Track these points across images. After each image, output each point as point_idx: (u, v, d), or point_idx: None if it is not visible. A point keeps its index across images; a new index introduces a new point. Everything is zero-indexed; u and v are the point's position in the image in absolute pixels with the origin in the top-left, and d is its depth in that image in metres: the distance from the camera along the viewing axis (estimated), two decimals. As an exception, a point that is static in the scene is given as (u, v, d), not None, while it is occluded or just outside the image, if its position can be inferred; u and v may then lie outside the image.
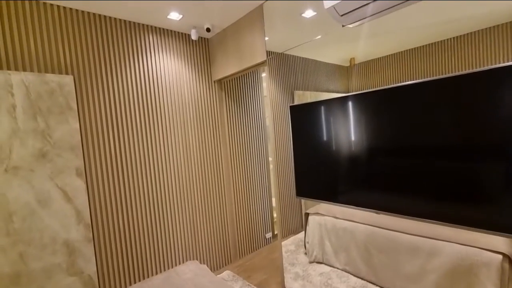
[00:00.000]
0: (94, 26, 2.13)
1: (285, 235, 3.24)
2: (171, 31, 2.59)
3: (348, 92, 2.77)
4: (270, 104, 2.44)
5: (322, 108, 2.33)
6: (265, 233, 3.42)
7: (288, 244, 3.24)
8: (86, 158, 2.07)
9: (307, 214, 3.04)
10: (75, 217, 1.97)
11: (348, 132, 2.11)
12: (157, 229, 2.47)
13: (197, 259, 2.75)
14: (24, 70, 1.83)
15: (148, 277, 2.39)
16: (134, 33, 2.35)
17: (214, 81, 2.94)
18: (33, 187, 1.80)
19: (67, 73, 2.00)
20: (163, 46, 2.54)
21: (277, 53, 3.27)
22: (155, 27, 2.48)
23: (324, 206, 2.84)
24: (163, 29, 2.54)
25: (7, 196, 1.71)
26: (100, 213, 2.14)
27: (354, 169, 2.08)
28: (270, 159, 3.59)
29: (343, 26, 1.92)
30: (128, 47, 2.31)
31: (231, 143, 3.08)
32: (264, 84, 3.56)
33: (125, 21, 2.30)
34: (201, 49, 2.84)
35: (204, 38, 2.86)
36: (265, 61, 2.32)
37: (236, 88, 3.15)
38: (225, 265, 3.01)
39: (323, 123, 2.33)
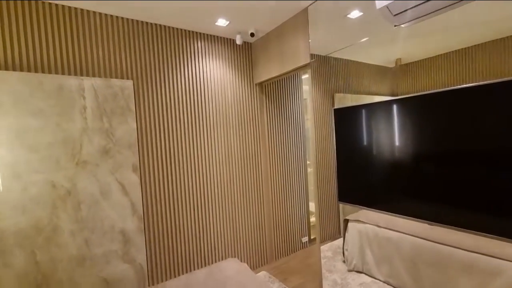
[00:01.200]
0: (151, 35, 2.32)
1: (322, 241, 3.18)
2: (217, 37, 2.72)
3: (392, 95, 2.64)
4: (313, 106, 2.42)
5: (368, 111, 2.26)
6: (301, 237, 3.38)
7: (325, 250, 3.17)
8: (140, 155, 2.26)
9: (346, 221, 2.95)
10: (130, 209, 2.16)
11: (396, 136, 2.02)
12: (200, 225, 2.59)
13: (235, 257, 2.83)
14: (94, 75, 2.06)
15: (191, 270, 2.51)
16: (184, 40, 2.51)
17: (256, 84, 3.00)
18: (98, 180, 2.02)
19: (127, 78, 2.20)
20: (210, 51, 2.67)
21: (320, 56, 3.23)
22: (203, 34, 2.62)
23: (366, 213, 2.73)
24: (210, 35, 2.67)
25: (77, 186, 1.94)
26: (151, 207, 2.31)
27: (403, 176, 1.98)
28: (308, 162, 3.55)
29: (395, 26, 1.85)
30: (179, 53, 2.48)
31: (270, 145, 3.11)
32: (304, 87, 3.55)
33: (177, 29, 2.46)
34: (244, 53, 2.92)
35: (248, 43, 2.94)
36: (309, 63, 2.32)
37: (276, 91, 3.18)
38: (261, 265, 3.04)
39: (368, 127, 2.25)
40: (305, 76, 3.50)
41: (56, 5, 1.93)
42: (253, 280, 1.82)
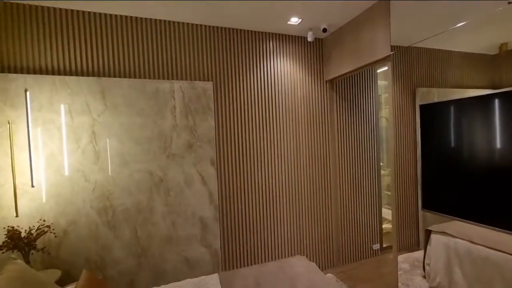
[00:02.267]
0: (228, 39, 2.51)
1: (398, 251, 2.89)
2: (288, 35, 2.75)
3: (493, 87, 2.21)
4: (392, 103, 2.22)
5: (462, 107, 1.96)
6: (372, 244, 3.15)
7: (401, 262, 2.88)
8: (217, 150, 2.47)
9: (428, 231, 2.61)
10: (208, 198, 2.38)
11: (497, 137, 1.69)
12: (268, 220, 2.68)
13: (303, 255, 2.82)
14: (181, 79, 2.34)
15: (258, 262, 2.63)
16: (257, 41, 2.62)
17: (326, 81, 2.93)
18: (183, 171, 2.29)
19: (208, 80, 2.43)
20: (281, 50, 2.72)
21: (401, 47, 2.94)
22: (274, 34, 2.69)
23: (454, 225, 2.37)
24: (281, 34, 2.72)
25: (167, 175, 2.24)
26: (225, 198, 2.51)
27: (506, 184, 1.65)
28: (381, 164, 3.28)
29: (509, 3, 1.55)
30: (252, 54, 2.61)
31: (340, 144, 2.99)
32: (380, 82, 3.28)
33: (250, 31, 2.60)
34: (315, 50, 2.88)
35: (319, 39, 2.89)
36: (389, 56, 2.14)
37: (348, 87, 3.03)
38: (327, 267, 2.95)
39: (462, 125, 1.95)
40: (381, 70, 3.23)
41: (156, 20, 2.26)
42: (322, 280, 1.79)
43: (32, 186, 1.81)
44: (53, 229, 1.87)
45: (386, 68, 2.34)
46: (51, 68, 1.98)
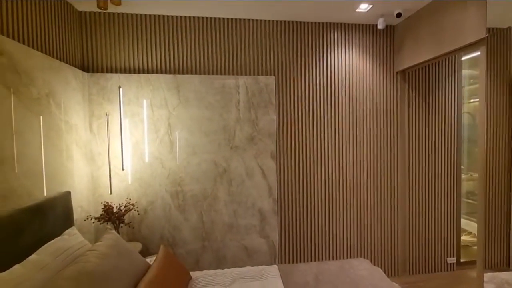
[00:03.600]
0: (291, 32, 2.49)
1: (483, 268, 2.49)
2: (355, 24, 2.59)
3: None
4: (485, 95, 1.89)
5: None
6: (447, 257, 2.78)
7: (485, 281, 2.47)
8: (278, 144, 2.49)
9: (526, 250, 2.18)
10: (267, 191, 2.43)
11: None
12: (327, 219, 2.60)
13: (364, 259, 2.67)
14: (245, 74, 2.43)
15: (315, 259, 2.58)
16: (320, 32, 2.54)
17: (397, 72, 2.66)
18: (245, 163, 2.39)
19: (270, 74, 2.46)
20: (346, 41, 2.58)
21: (497, 28, 2.50)
22: (340, 24, 2.56)
23: None
24: (348, 24, 2.57)
25: (230, 166, 2.36)
26: (284, 192, 2.52)
27: None
28: (462, 167, 2.85)
29: None
30: (314, 46, 2.53)
31: (411, 143, 2.70)
32: (464, 72, 2.83)
33: (314, 23, 2.52)
34: (385, 38, 2.65)
35: (390, 26, 2.64)
36: (483, 39, 1.82)
37: (423, 79, 2.70)
38: (390, 276, 2.72)
39: None
40: (466, 58, 2.78)
41: (222, 18, 2.39)
42: (389, 288, 1.66)
43: (122, 169, 2.13)
44: (137, 207, 2.16)
45: (475, 54, 2.01)
46: (138, 67, 2.27)
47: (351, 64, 2.61)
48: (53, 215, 1.56)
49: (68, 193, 1.74)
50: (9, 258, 1.24)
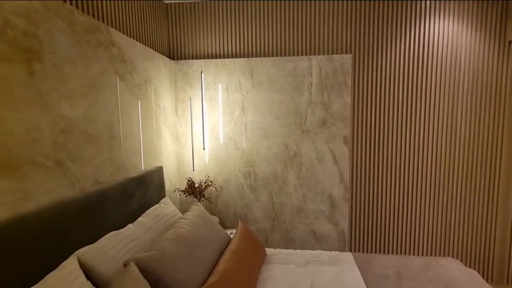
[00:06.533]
0: (371, 3, 2.23)
1: None
2: (455, -13, 2.17)
3: None
4: None
5: None
6: None
7: None
8: (352, 128, 2.34)
9: None
10: (338, 177, 2.34)
11: None
12: (406, 209, 2.38)
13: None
14: (319, 54, 2.31)
15: (390, 252, 2.42)
16: (407, 1, 2.21)
17: (510, 42, 2.17)
18: (315, 147, 2.33)
19: (346, 52, 2.29)
20: (439, 9, 2.20)
21: None
22: (435, -12, 2.18)
23: None
24: (445, -12, 2.18)
25: (301, 150, 2.34)
26: (357, 179, 2.39)
27: None
28: None
29: None
30: (400, 18, 2.23)
31: (524, 128, 2.20)
32: None
33: (402, -9, 2.21)
34: (491, 1, 2.16)
35: (504, -15, 2.13)
36: None
37: (550, 49, 2.13)
38: (482, 282, 2.36)
39: None
40: None
41: (297, -4, 2.29)
42: (490, 295, 1.43)
43: (204, 149, 2.32)
44: (214, 184, 2.35)
45: None
46: (215, 53, 2.39)
47: (445, 36, 2.22)
48: (152, 185, 1.82)
49: (161, 168, 1.99)
50: (124, 218, 1.50)
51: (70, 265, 1.04)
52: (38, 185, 1.08)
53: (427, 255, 2.39)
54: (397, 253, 2.43)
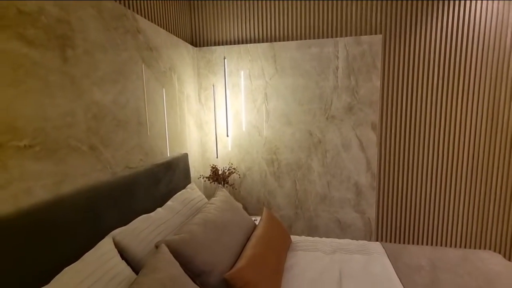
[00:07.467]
0: (407, -22, 2.06)
1: None
2: (503, -46, 1.94)
3: None
4: None
5: None
6: None
7: None
8: (381, 114, 2.23)
9: None
10: (365, 165, 2.25)
11: None
12: (438, 199, 2.26)
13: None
14: (346, 35, 2.19)
15: (420, 243, 2.32)
16: (449, -27, 2.01)
17: None
18: (341, 134, 2.25)
19: (376, 33, 2.15)
20: (486, -20, 1.98)
21: None
22: (480, -44, 1.96)
23: None
24: (491, -45, 1.95)
25: (325, 137, 2.27)
26: (386, 167, 2.29)
27: None
28: None
29: None
30: (439, -8, 2.04)
31: None
32: None
33: (440, -39, 2.01)
34: (552, -33, 1.90)
35: None
36: None
37: None
38: (522, 278, 2.21)
39: None
40: None
41: (322, -26, 2.16)
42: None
43: (227, 136, 2.32)
44: (238, 171, 2.36)
45: None
46: (238, 39, 2.34)
47: (488, 13, 2.01)
48: (178, 171, 1.85)
49: (186, 154, 2.01)
50: (152, 202, 1.54)
51: (106, 245, 1.09)
52: (74, 168, 1.12)
53: (460, 246, 2.26)
54: (427, 244, 2.32)
